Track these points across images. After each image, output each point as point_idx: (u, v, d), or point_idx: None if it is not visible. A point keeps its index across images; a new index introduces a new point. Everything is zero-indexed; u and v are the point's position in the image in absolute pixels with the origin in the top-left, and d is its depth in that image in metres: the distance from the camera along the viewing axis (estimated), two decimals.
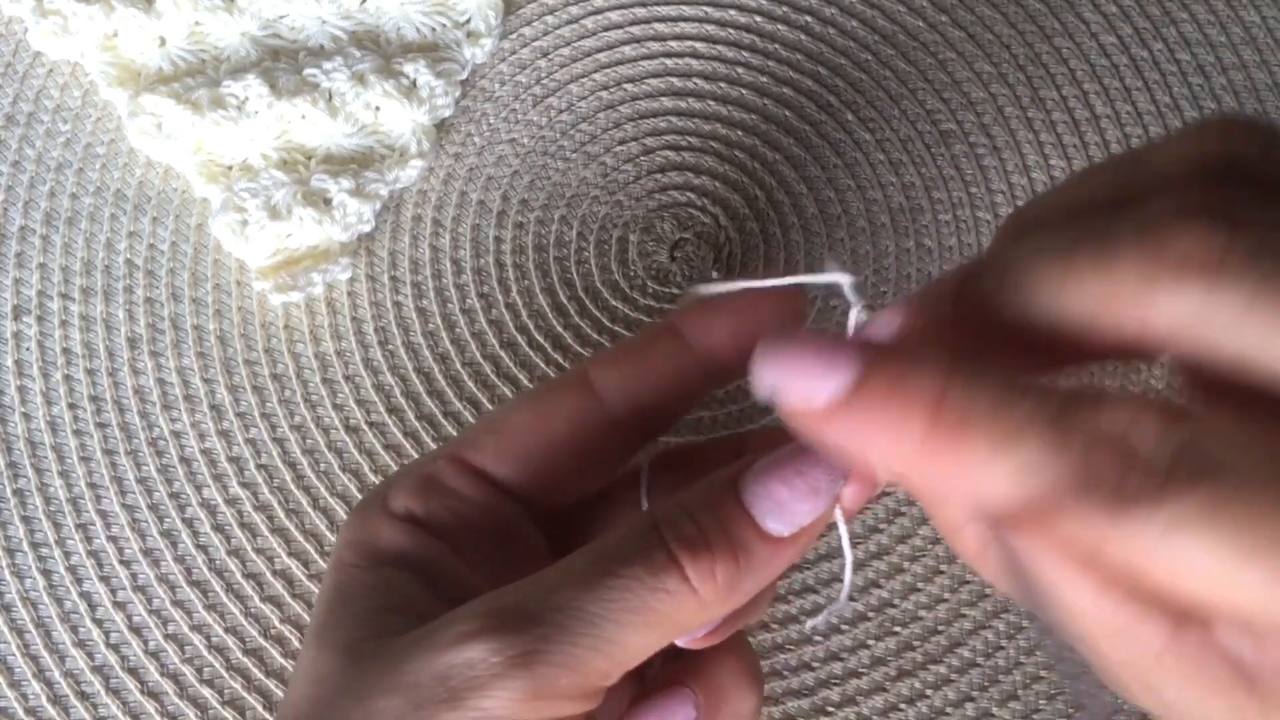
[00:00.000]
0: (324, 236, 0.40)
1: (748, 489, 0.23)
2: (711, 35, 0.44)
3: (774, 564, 0.23)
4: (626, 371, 0.26)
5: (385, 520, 0.26)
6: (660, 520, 0.23)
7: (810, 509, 0.23)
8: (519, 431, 0.26)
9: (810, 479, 0.23)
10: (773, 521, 0.23)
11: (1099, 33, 0.44)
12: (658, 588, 0.22)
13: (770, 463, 0.23)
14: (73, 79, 0.43)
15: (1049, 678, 0.36)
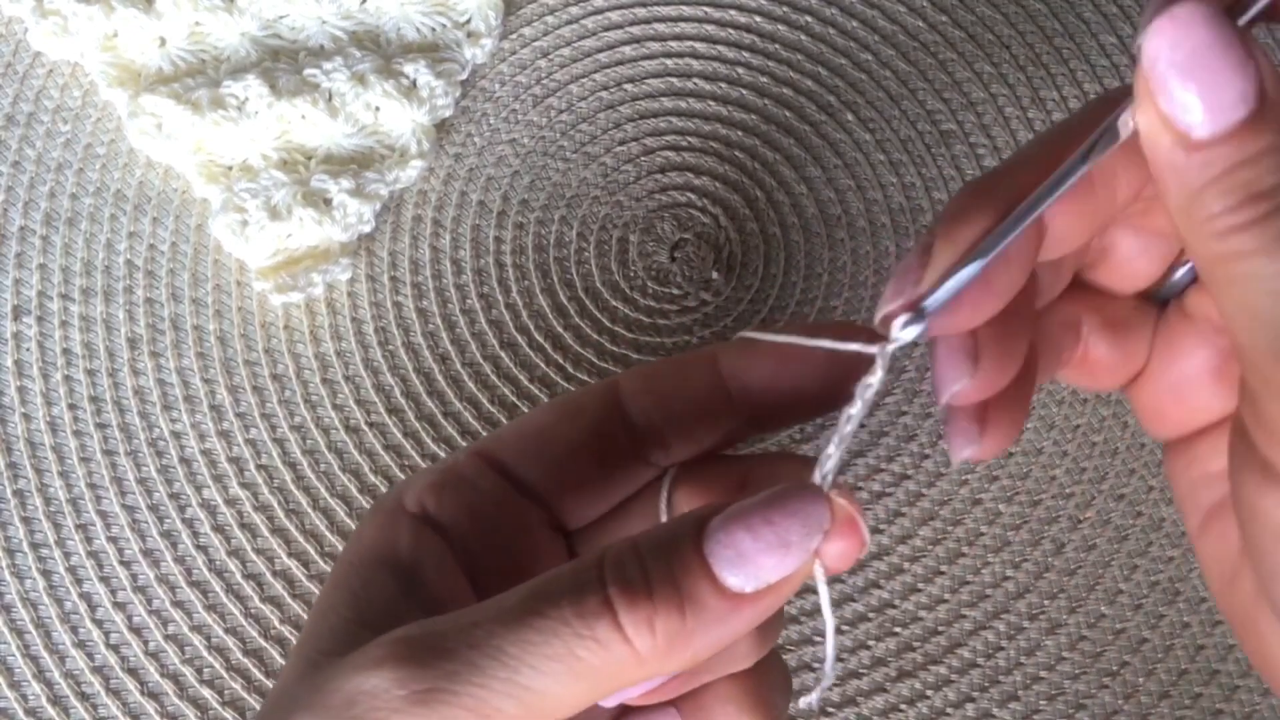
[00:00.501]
0: (324, 237, 0.40)
1: (710, 535, 0.20)
2: (711, 35, 0.44)
3: (730, 623, 0.20)
4: (656, 390, 0.25)
5: (394, 515, 0.25)
6: (607, 560, 0.21)
7: (776, 564, 0.20)
8: (542, 431, 0.26)
9: (780, 530, 0.20)
10: (732, 575, 0.20)
11: (1099, 33, 0.44)
12: (585, 634, 0.20)
13: (739, 508, 0.21)
14: (73, 79, 0.43)
15: (1049, 678, 0.36)
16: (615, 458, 0.26)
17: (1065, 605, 0.37)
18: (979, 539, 0.38)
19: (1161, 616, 0.37)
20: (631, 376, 0.26)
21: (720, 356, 0.25)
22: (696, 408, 0.25)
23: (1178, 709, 0.36)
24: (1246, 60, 0.19)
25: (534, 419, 0.26)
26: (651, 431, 0.25)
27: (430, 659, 0.20)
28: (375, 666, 0.20)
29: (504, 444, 0.26)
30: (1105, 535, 0.38)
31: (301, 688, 0.22)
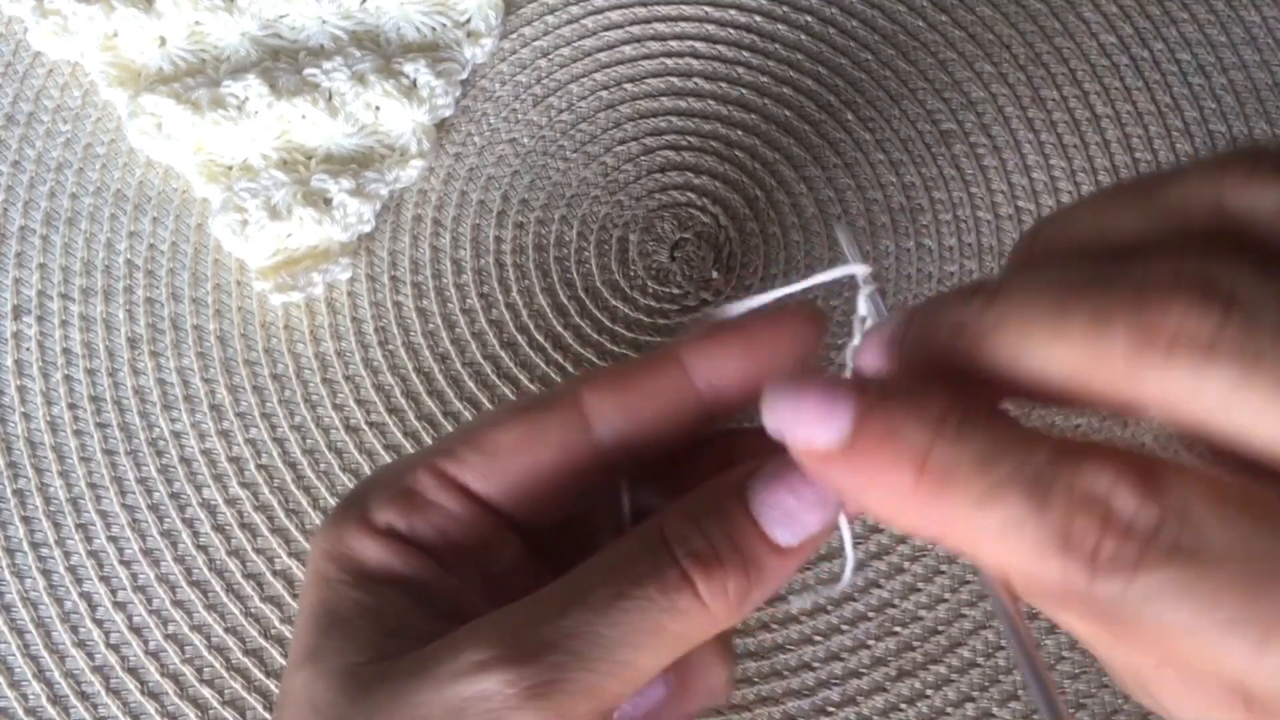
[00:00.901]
0: (324, 236, 0.40)
1: (755, 499, 0.23)
2: (711, 35, 0.44)
3: (781, 574, 0.23)
4: (621, 400, 0.25)
5: (367, 535, 0.25)
6: (669, 535, 0.23)
7: (818, 518, 0.23)
8: (505, 452, 0.25)
9: (818, 487, 0.22)
10: (781, 532, 0.23)
11: (1099, 33, 0.44)
12: (671, 608, 0.22)
13: (777, 471, 0.23)
14: (73, 79, 0.43)
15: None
16: (581, 469, 0.25)
17: None
18: None
19: None
20: (595, 386, 0.25)
21: (685, 357, 0.25)
22: (666, 415, 0.25)
23: None
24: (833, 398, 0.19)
25: (494, 435, 0.25)
26: (619, 443, 0.25)
27: (537, 653, 0.21)
28: (481, 670, 0.21)
29: (464, 465, 0.25)
30: None
31: (363, 702, 0.22)
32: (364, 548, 0.25)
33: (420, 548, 0.25)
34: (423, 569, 0.25)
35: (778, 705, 0.36)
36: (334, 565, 0.25)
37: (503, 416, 0.26)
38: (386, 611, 0.24)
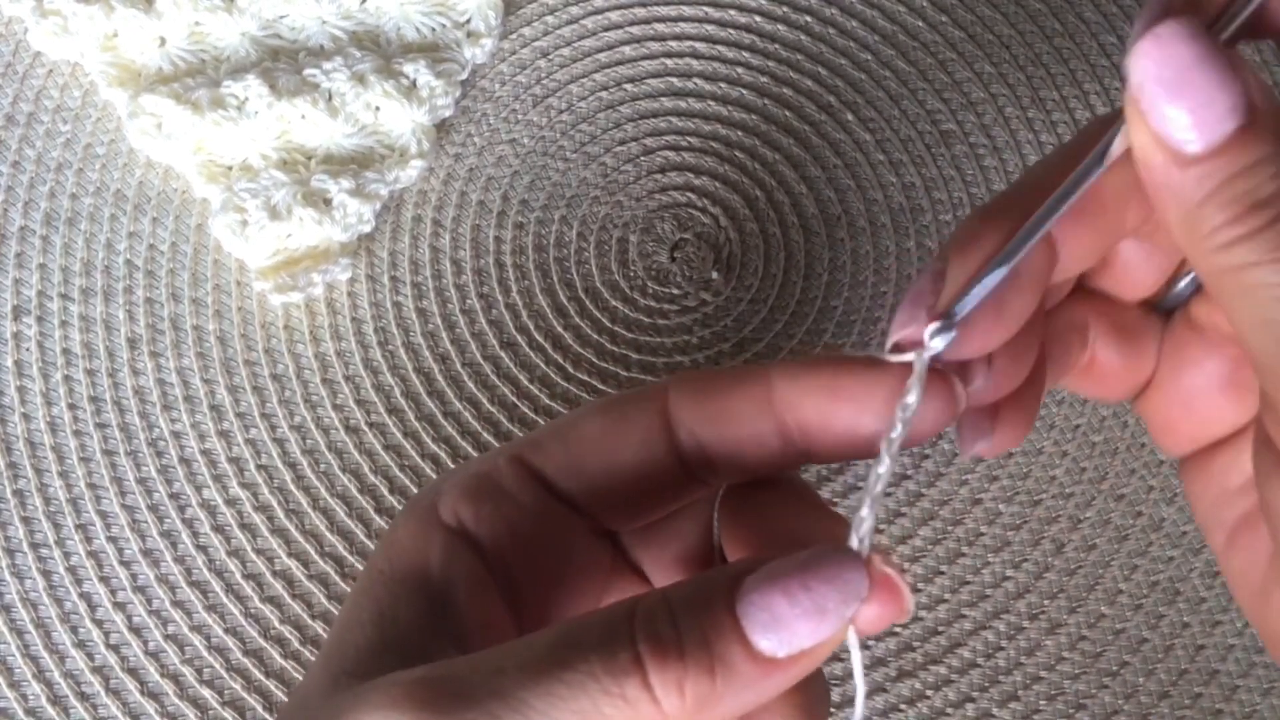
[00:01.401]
0: (324, 237, 0.40)
1: (744, 596, 0.20)
2: (711, 35, 0.44)
3: (759, 688, 0.20)
4: (705, 408, 0.24)
5: (427, 527, 0.23)
6: (638, 612, 0.20)
7: (812, 631, 0.20)
8: (587, 444, 0.24)
9: (817, 597, 0.20)
10: (765, 639, 0.20)
11: (1099, 33, 0.44)
12: (613, 692, 0.19)
13: (775, 569, 0.20)
14: (73, 79, 0.43)
15: (1049, 678, 0.36)
16: (662, 473, 0.24)
17: (1065, 605, 0.37)
18: (979, 539, 0.38)
19: (1161, 616, 0.37)
20: (681, 389, 0.24)
21: (774, 380, 0.23)
22: (745, 433, 0.23)
23: (1178, 709, 0.36)
24: (1232, 74, 0.19)
25: (578, 428, 0.24)
26: (698, 450, 0.24)
27: (450, 705, 0.19)
28: (392, 705, 0.20)
29: (546, 455, 0.24)
30: (1105, 535, 0.38)
31: (323, 710, 0.21)
32: (413, 540, 0.23)
33: (482, 544, 0.24)
34: (462, 573, 0.23)
35: None
36: (384, 553, 0.24)
37: (589, 408, 0.25)
38: (393, 620, 0.23)
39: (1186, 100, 0.19)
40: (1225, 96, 0.19)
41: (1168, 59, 0.19)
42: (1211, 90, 0.19)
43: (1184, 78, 0.19)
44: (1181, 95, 0.19)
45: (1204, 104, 0.19)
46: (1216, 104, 0.19)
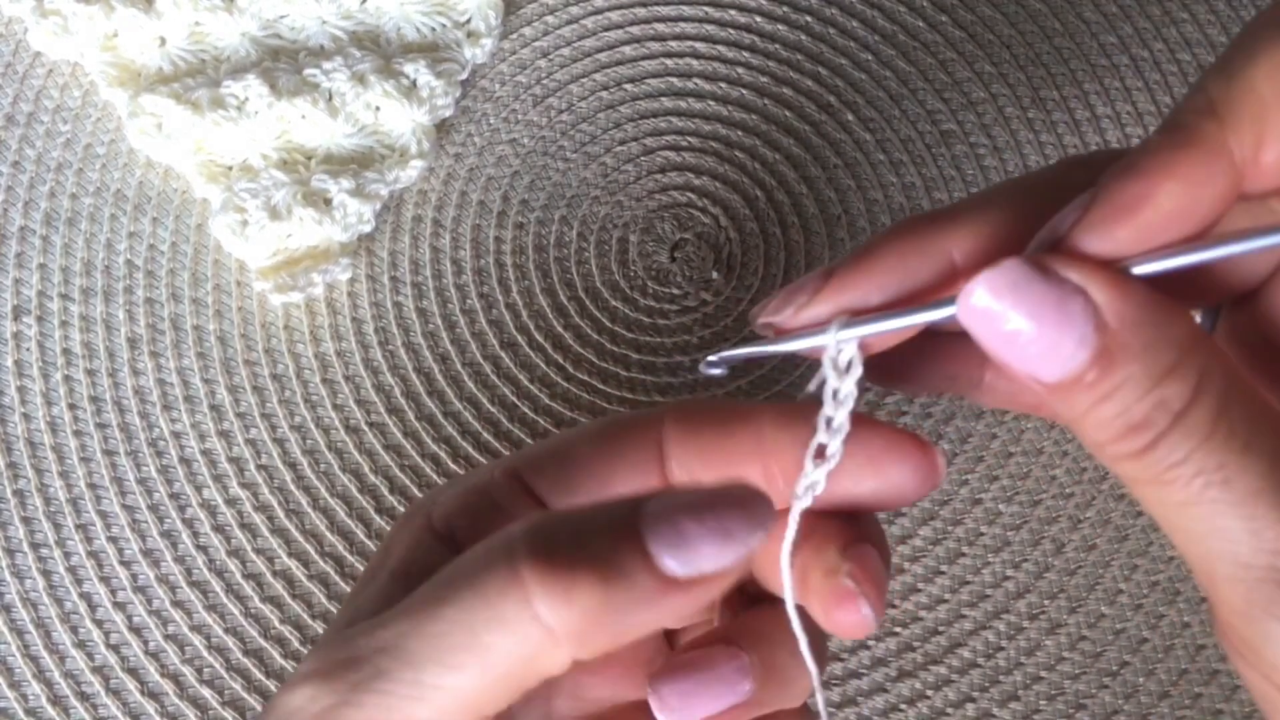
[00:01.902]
0: (324, 236, 0.40)
1: (650, 512, 0.19)
2: (711, 35, 0.44)
3: (657, 608, 0.18)
4: (699, 447, 0.23)
5: (420, 534, 0.23)
6: (520, 529, 0.19)
7: (715, 552, 0.18)
8: (580, 468, 0.23)
9: (725, 519, 0.19)
10: (668, 555, 0.18)
11: (1099, 33, 0.44)
12: (493, 616, 0.18)
13: (683, 491, 0.19)
14: (73, 79, 0.43)
15: (1049, 678, 0.36)
16: None
17: (1065, 605, 0.37)
18: (979, 539, 0.38)
19: (1161, 616, 0.37)
20: (677, 424, 0.24)
21: (766, 429, 0.23)
22: (736, 473, 0.23)
23: (1178, 709, 0.36)
24: (1077, 307, 0.18)
25: (573, 451, 0.24)
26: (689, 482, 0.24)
27: (342, 669, 0.19)
28: (299, 683, 0.19)
29: (541, 474, 0.24)
30: (1105, 535, 0.38)
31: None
32: (407, 549, 0.23)
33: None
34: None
35: None
36: (379, 553, 0.24)
37: (585, 431, 0.24)
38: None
39: (1028, 348, 0.18)
40: (1070, 332, 0.18)
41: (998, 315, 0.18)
42: (1053, 331, 0.18)
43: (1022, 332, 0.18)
44: (1021, 345, 0.18)
45: (1048, 347, 0.18)
46: (1061, 343, 0.18)
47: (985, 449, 0.39)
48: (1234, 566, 0.18)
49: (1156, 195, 0.19)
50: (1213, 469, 0.18)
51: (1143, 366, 0.18)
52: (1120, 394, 0.18)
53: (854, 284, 0.22)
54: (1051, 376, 0.19)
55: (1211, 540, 0.18)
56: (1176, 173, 0.19)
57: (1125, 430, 0.18)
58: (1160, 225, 0.19)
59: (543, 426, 0.39)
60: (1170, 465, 0.18)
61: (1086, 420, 0.19)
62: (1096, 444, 0.19)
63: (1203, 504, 0.18)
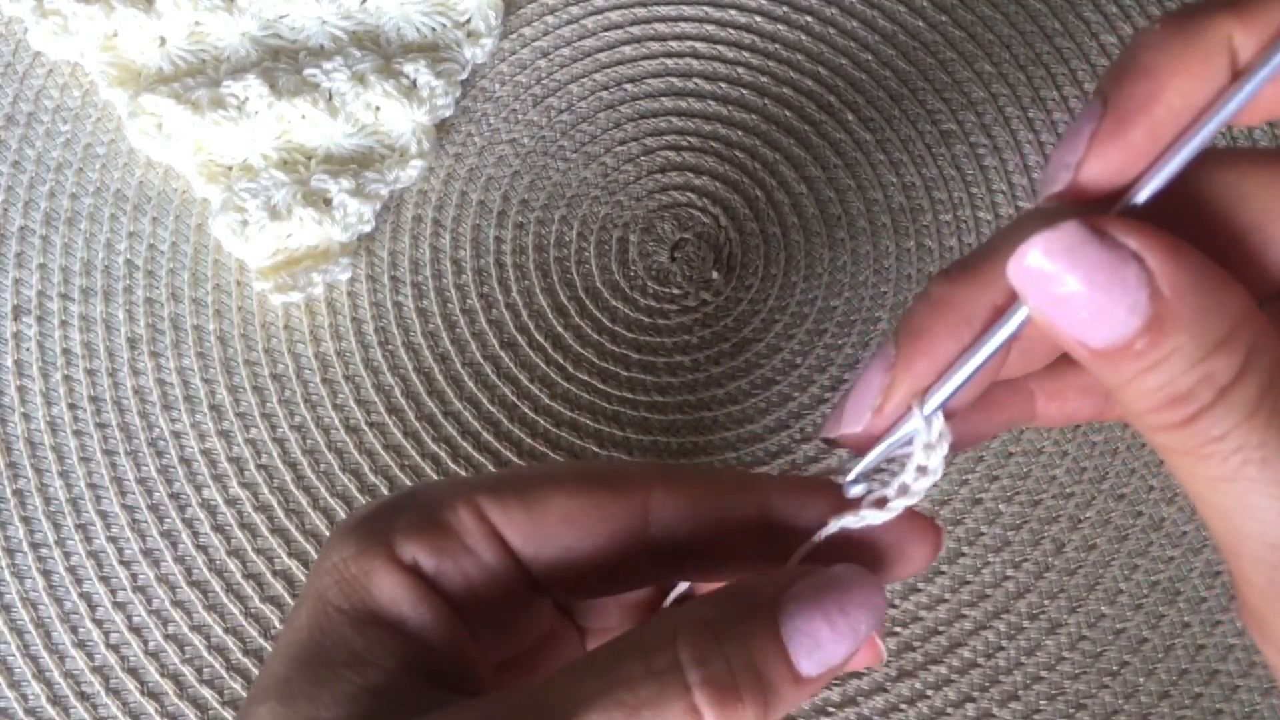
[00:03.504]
0: (324, 236, 0.40)
1: (788, 621, 0.21)
2: (711, 35, 0.44)
3: (793, 705, 0.21)
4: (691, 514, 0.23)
5: (386, 566, 0.22)
6: (685, 656, 0.20)
7: (845, 651, 0.21)
8: (554, 519, 0.23)
9: (853, 620, 0.21)
10: (808, 663, 0.20)
11: (1099, 33, 0.44)
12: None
13: (814, 594, 0.21)
14: (73, 79, 0.43)
15: (1049, 678, 0.36)
16: (627, 564, 0.24)
17: (1065, 605, 0.37)
18: (979, 539, 0.38)
19: (1161, 616, 0.37)
20: (670, 491, 0.23)
21: (774, 497, 0.23)
22: (733, 545, 0.23)
23: (1178, 709, 0.36)
24: (1132, 273, 0.18)
25: (546, 499, 0.23)
26: (672, 550, 0.24)
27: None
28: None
29: (509, 518, 0.23)
30: (1105, 535, 0.38)
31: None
32: (379, 579, 0.22)
33: (440, 592, 0.22)
34: (434, 620, 0.22)
35: None
36: (338, 589, 0.22)
37: (563, 480, 0.23)
38: (376, 664, 0.21)
39: (1086, 309, 0.18)
40: (1125, 298, 0.18)
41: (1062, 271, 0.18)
42: (1110, 295, 0.18)
43: (1074, 294, 0.18)
44: (1079, 305, 0.18)
45: (1104, 310, 0.18)
46: (1116, 308, 0.18)
47: (985, 449, 0.39)
48: (1261, 546, 0.18)
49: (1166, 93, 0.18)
50: (1253, 447, 0.18)
51: (1193, 338, 0.18)
52: (1167, 364, 0.18)
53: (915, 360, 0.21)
54: (1100, 342, 0.18)
55: (1241, 518, 0.18)
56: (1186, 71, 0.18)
57: (1167, 401, 0.18)
58: (1171, 123, 0.19)
59: (542, 426, 0.39)
60: (1210, 440, 0.18)
61: (1129, 388, 0.19)
62: (1136, 412, 0.19)
63: (1238, 481, 0.18)
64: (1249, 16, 0.18)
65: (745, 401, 0.39)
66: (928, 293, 0.21)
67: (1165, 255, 0.18)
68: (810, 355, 0.40)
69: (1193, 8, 0.19)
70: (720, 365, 0.39)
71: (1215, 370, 0.18)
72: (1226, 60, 0.18)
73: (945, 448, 0.21)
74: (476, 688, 0.22)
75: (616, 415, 0.39)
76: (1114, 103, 0.19)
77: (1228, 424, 0.18)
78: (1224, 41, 0.18)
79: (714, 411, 0.39)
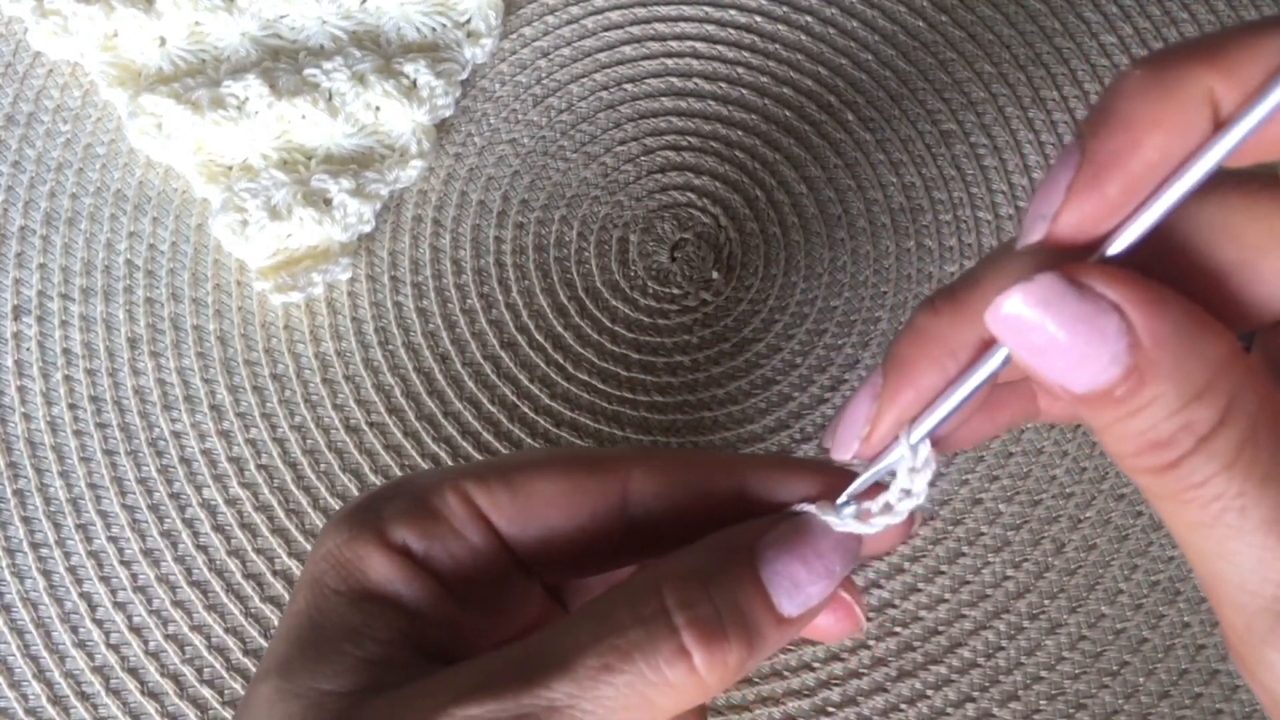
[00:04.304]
0: (324, 236, 0.40)
1: (767, 565, 0.22)
2: (711, 35, 0.44)
3: (778, 644, 0.22)
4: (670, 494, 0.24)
5: (378, 548, 0.23)
6: (670, 602, 0.21)
7: (822, 591, 0.22)
8: (538, 502, 0.24)
9: (828, 562, 0.22)
10: (788, 603, 0.22)
11: (1099, 33, 0.44)
12: (662, 682, 0.21)
13: (788, 538, 0.22)
14: (73, 79, 0.43)
15: (1049, 678, 0.36)
16: (609, 544, 0.25)
17: (1065, 605, 0.37)
18: (979, 539, 0.38)
19: (1162, 616, 0.37)
20: (648, 472, 0.24)
21: (749, 481, 0.24)
22: (711, 522, 0.24)
23: (1178, 709, 0.36)
24: (1111, 324, 0.18)
25: (530, 483, 0.24)
26: (651, 528, 0.24)
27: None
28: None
29: (494, 501, 0.24)
30: (1105, 535, 0.38)
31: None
32: (371, 561, 0.23)
33: (430, 573, 0.23)
34: (426, 597, 0.23)
35: (778, 705, 0.36)
36: (334, 572, 0.23)
37: (545, 464, 0.24)
38: (373, 638, 0.22)
39: (1058, 360, 0.18)
40: (1105, 349, 0.18)
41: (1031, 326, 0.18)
42: (1089, 348, 0.18)
43: (1053, 344, 0.18)
44: (1058, 355, 0.18)
45: (1079, 360, 0.18)
46: (1093, 358, 0.18)
47: (985, 449, 0.39)
48: (1239, 591, 0.18)
49: (1142, 147, 0.18)
50: (1232, 495, 0.18)
51: (1174, 386, 0.18)
52: (1148, 411, 0.18)
53: (900, 392, 0.22)
54: (1081, 388, 0.19)
55: (1220, 563, 0.19)
56: (1164, 124, 0.18)
57: (1149, 446, 0.18)
58: (1148, 176, 0.19)
59: (543, 426, 0.39)
60: (1190, 486, 0.18)
61: (1110, 432, 0.19)
62: (1118, 455, 0.19)
63: (1217, 527, 0.18)
64: (1229, 67, 0.18)
65: (745, 401, 0.39)
66: (913, 322, 0.22)
67: (1145, 305, 0.18)
68: (810, 355, 0.40)
69: (1170, 54, 0.18)
70: (720, 365, 0.40)
71: (1195, 419, 0.18)
72: (1208, 113, 0.18)
73: (930, 474, 0.22)
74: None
75: (616, 415, 0.39)
76: (1090, 153, 0.19)
77: (1207, 472, 0.18)
78: (1204, 94, 0.18)
79: (714, 411, 0.39)
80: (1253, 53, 0.18)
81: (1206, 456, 0.18)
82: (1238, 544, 0.18)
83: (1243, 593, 0.18)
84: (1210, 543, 0.18)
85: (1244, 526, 0.18)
